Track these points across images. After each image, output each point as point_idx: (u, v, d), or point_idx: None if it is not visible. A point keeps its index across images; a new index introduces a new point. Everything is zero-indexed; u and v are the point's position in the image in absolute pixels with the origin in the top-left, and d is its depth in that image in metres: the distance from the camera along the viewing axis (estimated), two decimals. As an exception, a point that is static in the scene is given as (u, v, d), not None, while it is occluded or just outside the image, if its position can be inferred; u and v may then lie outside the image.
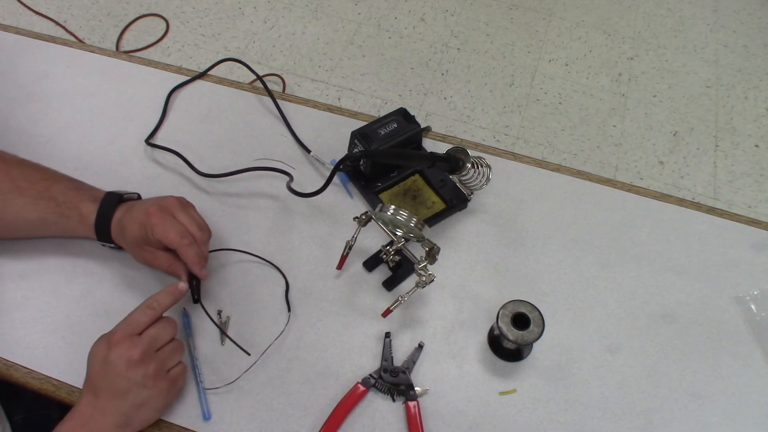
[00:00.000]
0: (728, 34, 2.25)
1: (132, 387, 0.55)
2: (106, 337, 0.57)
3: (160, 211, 0.63)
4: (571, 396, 0.66)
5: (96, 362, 0.56)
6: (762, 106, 2.03)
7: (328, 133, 0.85)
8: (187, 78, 0.90)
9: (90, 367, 0.57)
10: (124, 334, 0.56)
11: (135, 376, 0.55)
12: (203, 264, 0.65)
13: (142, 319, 0.57)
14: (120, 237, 0.66)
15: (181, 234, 0.63)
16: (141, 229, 0.63)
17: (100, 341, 0.57)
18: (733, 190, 1.81)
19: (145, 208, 0.64)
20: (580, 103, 1.99)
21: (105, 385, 0.56)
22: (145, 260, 0.67)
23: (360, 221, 0.68)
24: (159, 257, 0.66)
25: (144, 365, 0.56)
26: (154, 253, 0.66)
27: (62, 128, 0.84)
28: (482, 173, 0.75)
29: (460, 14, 2.23)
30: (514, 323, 0.63)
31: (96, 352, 0.56)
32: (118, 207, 0.67)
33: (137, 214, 0.64)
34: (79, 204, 0.67)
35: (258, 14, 2.16)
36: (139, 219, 0.64)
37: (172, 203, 0.65)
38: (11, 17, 2.07)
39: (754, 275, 0.75)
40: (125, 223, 0.65)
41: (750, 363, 0.69)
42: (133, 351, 0.55)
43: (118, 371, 0.55)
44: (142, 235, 0.63)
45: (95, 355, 0.56)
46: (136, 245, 0.65)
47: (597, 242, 0.77)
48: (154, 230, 0.62)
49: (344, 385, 0.65)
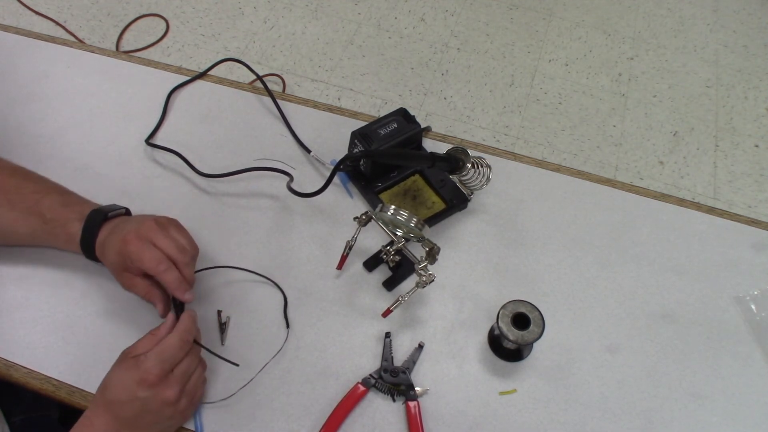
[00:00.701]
0: (728, 34, 2.25)
1: (160, 420, 0.56)
2: (140, 375, 0.53)
3: (137, 239, 0.61)
4: (571, 396, 0.66)
5: (122, 392, 0.54)
6: (762, 106, 2.03)
7: (328, 133, 0.85)
8: (187, 78, 0.90)
9: (113, 389, 0.54)
10: (160, 373, 0.54)
11: (167, 412, 0.55)
12: (185, 288, 0.61)
13: (179, 355, 0.56)
14: (103, 259, 0.65)
15: (157, 260, 0.60)
16: (119, 256, 0.62)
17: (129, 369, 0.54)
18: (733, 190, 1.81)
19: (123, 236, 0.61)
20: (580, 103, 1.99)
21: (131, 416, 0.54)
22: (125, 286, 0.65)
23: (360, 221, 0.68)
24: (137, 284, 0.64)
25: (177, 403, 0.55)
26: (133, 280, 0.64)
27: (62, 128, 0.84)
28: (482, 173, 0.75)
29: (460, 14, 2.23)
30: (514, 323, 0.63)
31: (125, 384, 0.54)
32: (102, 226, 0.65)
33: (115, 241, 0.62)
34: (66, 223, 0.65)
35: (258, 14, 2.16)
36: (116, 246, 0.62)
37: (150, 227, 0.62)
38: (11, 17, 2.07)
39: (754, 275, 0.75)
40: (106, 248, 0.63)
41: (750, 363, 0.69)
42: (170, 392, 0.54)
43: (149, 409, 0.54)
44: (120, 261, 0.62)
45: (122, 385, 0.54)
46: (116, 271, 0.64)
47: (597, 242, 0.77)
48: (131, 257, 0.60)
49: (344, 385, 0.65)
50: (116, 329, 0.67)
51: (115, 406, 0.54)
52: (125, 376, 0.54)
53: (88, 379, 0.64)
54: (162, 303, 0.64)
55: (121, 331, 0.67)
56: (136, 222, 0.63)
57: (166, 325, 0.58)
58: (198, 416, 0.62)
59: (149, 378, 0.53)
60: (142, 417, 0.54)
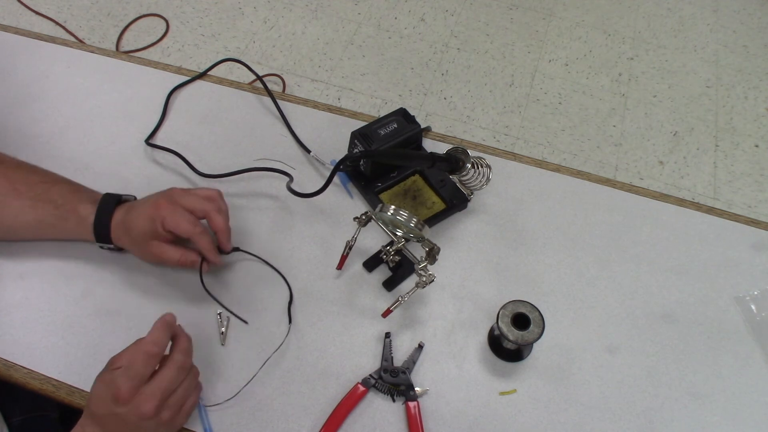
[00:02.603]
0: (728, 34, 2.25)
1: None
2: (112, 392, 0.52)
3: (169, 203, 0.63)
4: (571, 396, 0.66)
5: (101, 406, 0.53)
6: (762, 106, 2.03)
7: (328, 133, 0.85)
8: (187, 78, 0.90)
9: (93, 402, 0.54)
10: (130, 389, 0.52)
11: (148, 426, 0.53)
12: (217, 252, 0.66)
13: (146, 371, 0.54)
14: (123, 236, 0.66)
15: (193, 223, 0.63)
16: (150, 222, 0.63)
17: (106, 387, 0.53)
18: (733, 190, 1.81)
19: (153, 201, 0.64)
20: (580, 103, 1.99)
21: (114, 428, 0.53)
22: (153, 255, 0.66)
23: (360, 221, 0.68)
24: (168, 250, 0.65)
25: (157, 416, 0.53)
26: (162, 247, 0.65)
27: (62, 128, 0.84)
28: (482, 173, 0.75)
29: (460, 14, 2.23)
30: (514, 323, 0.63)
31: (102, 397, 0.53)
32: (117, 208, 0.67)
33: (145, 208, 0.64)
34: (77, 206, 0.66)
35: (258, 14, 2.16)
36: (147, 212, 0.63)
37: (177, 192, 0.65)
38: (11, 17, 2.07)
39: (754, 275, 0.75)
40: (131, 220, 0.64)
41: (750, 363, 0.69)
42: (146, 407, 0.52)
43: (129, 422, 0.53)
44: (151, 228, 0.63)
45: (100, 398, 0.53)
46: (144, 241, 0.64)
47: (597, 242, 0.77)
48: (165, 221, 0.62)
49: (344, 385, 0.65)
50: (116, 329, 0.67)
51: (98, 418, 0.54)
52: (102, 391, 0.54)
53: (88, 379, 0.63)
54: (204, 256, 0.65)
55: (121, 331, 0.67)
56: (158, 193, 0.66)
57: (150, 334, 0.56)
58: (206, 418, 0.61)
59: (121, 395, 0.52)
60: (125, 428, 0.53)
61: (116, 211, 0.66)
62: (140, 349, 0.54)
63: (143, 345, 0.54)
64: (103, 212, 0.66)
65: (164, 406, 0.54)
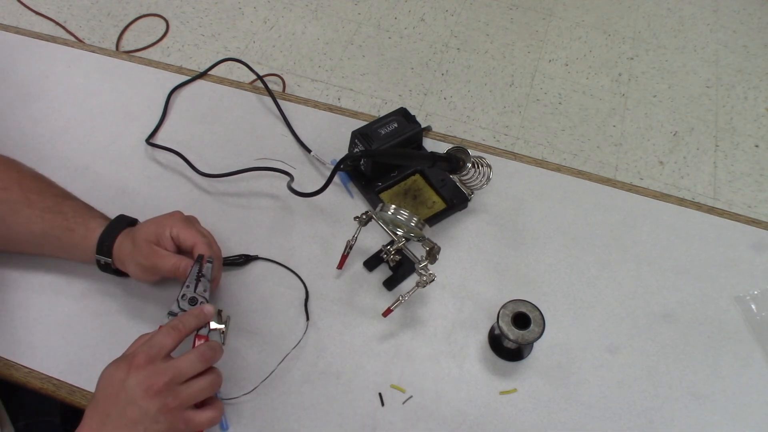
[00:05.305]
0: (728, 34, 2.25)
1: (143, 419, 0.50)
2: (127, 359, 0.52)
3: (183, 217, 0.67)
4: (571, 396, 0.66)
5: (109, 385, 0.52)
6: (762, 106, 2.03)
7: (328, 133, 0.85)
8: (188, 78, 0.90)
9: (101, 390, 0.52)
10: (146, 358, 0.52)
11: (150, 406, 0.50)
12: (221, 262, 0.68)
13: (166, 341, 0.53)
14: (125, 245, 0.65)
15: (201, 233, 0.65)
16: (158, 227, 0.64)
17: (118, 363, 0.53)
18: (733, 190, 1.81)
19: (168, 213, 0.67)
20: (580, 103, 1.99)
21: (114, 413, 0.51)
22: (149, 259, 0.64)
23: (360, 221, 0.68)
24: (165, 255, 0.64)
25: (163, 396, 0.51)
26: (160, 252, 0.64)
27: (62, 128, 0.84)
28: (483, 173, 0.75)
29: (460, 14, 2.23)
30: (514, 323, 0.63)
31: (110, 374, 0.52)
32: (126, 228, 0.67)
33: (156, 218, 0.66)
34: (88, 219, 0.67)
35: (258, 14, 2.16)
36: (158, 219, 0.65)
37: (193, 218, 0.69)
38: (11, 17, 2.07)
39: (754, 275, 0.75)
40: (139, 228, 0.66)
41: (750, 363, 0.69)
42: (155, 379, 0.51)
43: (132, 398, 0.50)
44: (156, 232, 0.64)
45: (109, 378, 0.52)
46: (145, 244, 0.63)
47: (597, 242, 0.77)
48: (174, 227, 0.64)
49: (344, 385, 0.65)
50: (116, 329, 0.67)
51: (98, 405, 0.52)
52: (111, 369, 0.53)
53: (89, 378, 0.64)
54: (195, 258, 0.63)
55: (121, 331, 0.67)
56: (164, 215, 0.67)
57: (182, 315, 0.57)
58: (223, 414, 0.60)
59: (134, 360, 0.51)
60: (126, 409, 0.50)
61: (127, 228, 0.67)
62: (164, 327, 0.55)
63: (168, 323, 0.56)
64: (114, 226, 0.66)
65: (173, 391, 0.52)
